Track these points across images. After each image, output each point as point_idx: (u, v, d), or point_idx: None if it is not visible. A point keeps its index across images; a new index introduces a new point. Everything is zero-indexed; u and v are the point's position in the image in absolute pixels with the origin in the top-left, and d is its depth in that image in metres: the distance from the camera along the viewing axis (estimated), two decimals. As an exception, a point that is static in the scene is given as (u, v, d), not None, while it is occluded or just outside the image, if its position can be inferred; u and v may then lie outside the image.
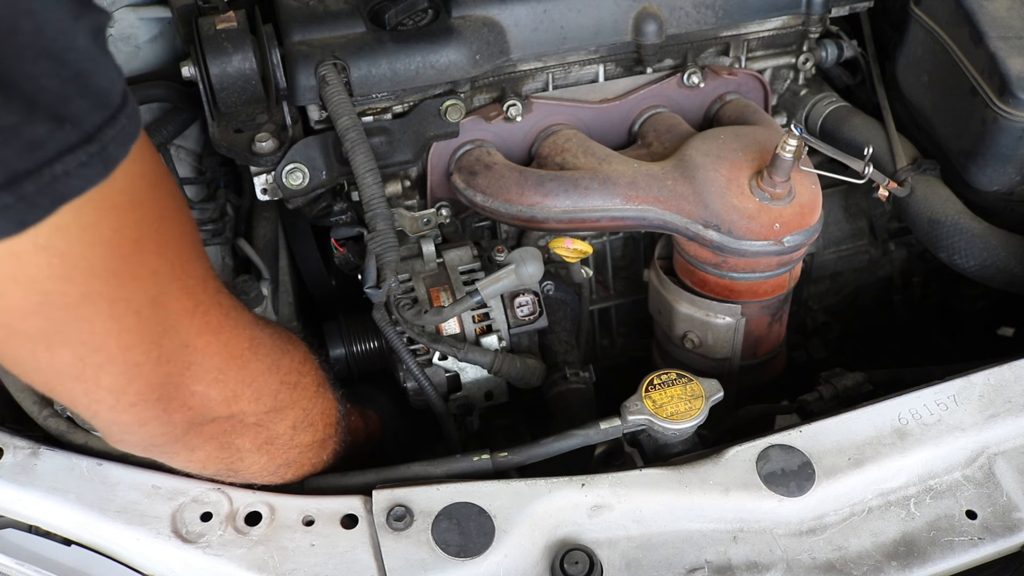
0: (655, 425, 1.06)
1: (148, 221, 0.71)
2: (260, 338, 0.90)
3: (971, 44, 1.33)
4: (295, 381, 0.96)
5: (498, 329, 1.29)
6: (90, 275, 0.68)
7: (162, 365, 0.77)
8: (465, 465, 1.04)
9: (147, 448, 0.87)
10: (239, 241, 1.46)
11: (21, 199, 0.60)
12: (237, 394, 0.87)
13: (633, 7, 1.33)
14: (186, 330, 0.78)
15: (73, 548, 0.97)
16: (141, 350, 0.75)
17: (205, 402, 0.83)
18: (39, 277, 0.65)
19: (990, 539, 0.98)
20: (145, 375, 0.76)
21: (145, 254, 0.72)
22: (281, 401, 0.94)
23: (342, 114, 1.15)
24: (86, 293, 0.68)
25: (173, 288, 0.76)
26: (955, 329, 1.73)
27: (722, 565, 0.96)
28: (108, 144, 0.64)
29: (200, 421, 0.84)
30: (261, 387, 0.90)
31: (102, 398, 0.76)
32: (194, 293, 0.79)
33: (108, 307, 0.70)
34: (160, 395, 0.78)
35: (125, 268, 0.70)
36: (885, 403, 1.06)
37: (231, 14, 1.22)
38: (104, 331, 0.71)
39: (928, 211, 1.38)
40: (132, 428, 0.81)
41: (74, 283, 0.67)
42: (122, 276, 0.70)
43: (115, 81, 0.65)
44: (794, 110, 1.56)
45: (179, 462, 0.92)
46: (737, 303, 1.30)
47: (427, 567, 0.90)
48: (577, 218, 1.27)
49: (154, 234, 0.72)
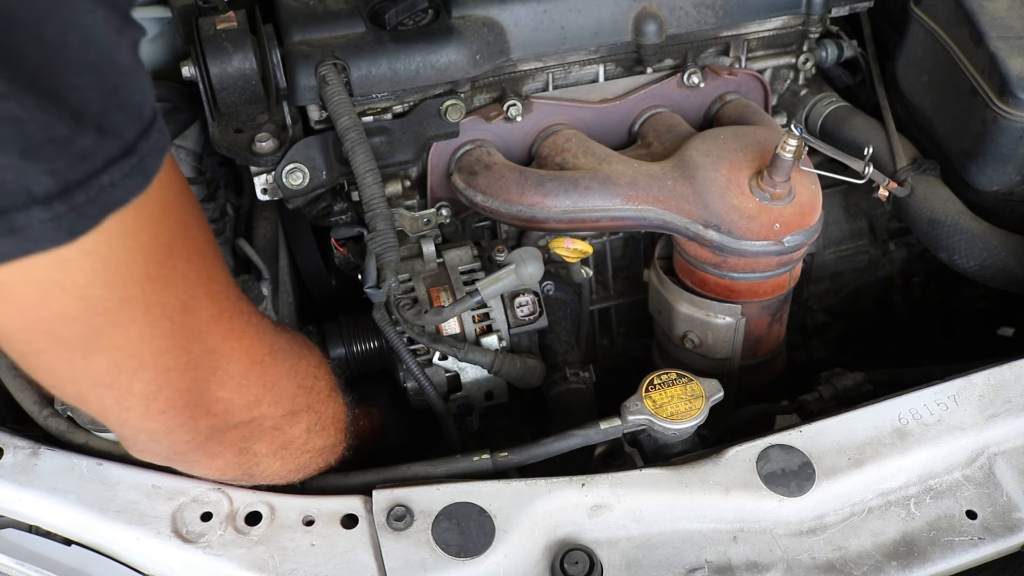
0: (655, 425, 1.06)
1: (178, 228, 0.74)
2: (279, 343, 0.91)
3: (971, 44, 1.33)
4: (311, 385, 0.97)
5: (498, 329, 1.29)
6: (129, 280, 0.70)
7: (190, 371, 0.79)
8: (465, 465, 1.04)
9: (170, 457, 0.88)
10: (239, 241, 1.46)
11: (73, 209, 0.62)
12: (259, 398, 0.88)
13: (633, 7, 1.33)
14: (212, 336, 0.80)
15: (73, 548, 0.97)
16: (172, 355, 0.76)
17: (229, 408, 0.85)
18: (83, 282, 0.67)
19: (990, 539, 0.98)
20: (174, 381, 0.78)
21: (176, 260, 0.74)
22: (298, 404, 0.95)
23: (342, 114, 1.15)
24: (125, 298, 0.70)
25: (201, 293, 0.77)
26: (955, 329, 1.73)
27: (722, 565, 0.96)
28: (145, 156, 0.66)
29: (223, 428, 0.86)
30: (280, 391, 0.91)
31: (133, 405, 0.77)
32: (219, 299, 0.80)
33: (144, 312, 0.72)
34: (187, 401, 0.80)
35: (160, 273, 0.72)
36: (885, 403, 1.06)
37: (231, 14, 1.22)
38: (139, 336, 0.73)
39: (928, 211, 1.38)
40: (159, 435, 0.82)
41: (114, 288, 0.69)
42: (157, 281, 0.72)
43: (148, 95, 0.67)
44: (794, 110, 1.56)
45: (199, 470, 0.94)
46: (737, 303, 1.30)
47: (427, 567, 0.90)
48: (577, 218, 1.27)
49: (183, 240, 0.74)
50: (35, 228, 0.61)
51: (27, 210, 0.60)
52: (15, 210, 0.60)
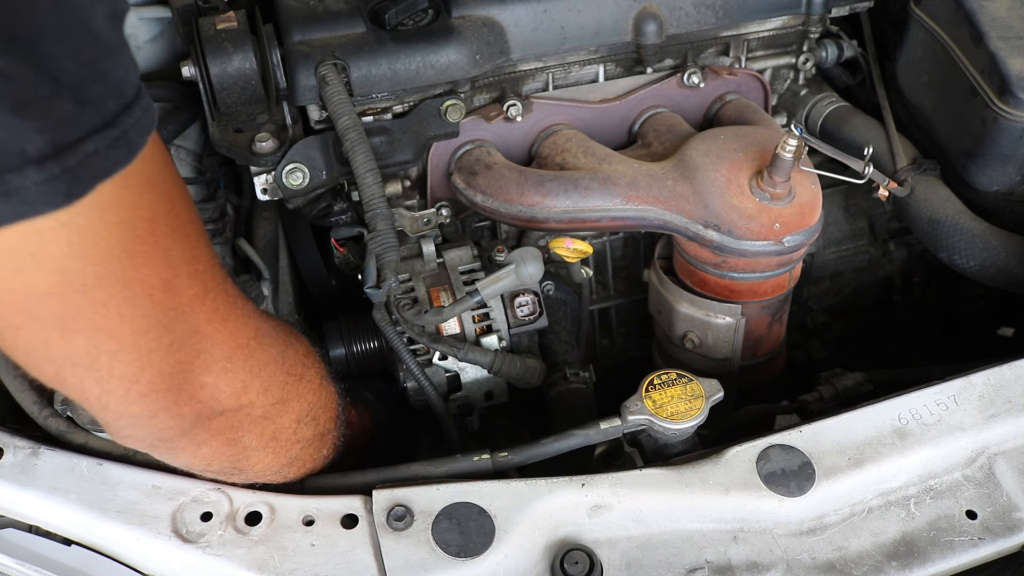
0: (655, 425, 1.06)
1: (161, 204, 0.72)
2: (264, 329, 0.90)
3: (971, 44, 1.33)
4: (300, 373, 0.96)
5: (498, 329, 1.29)
6: (108, 255, 0.68)
7: (173, 353, 0.77)
8: (465, 465, 1.04)
9: (153, 444, 0.86)
10: (239, 241, 1.46)
11: (67, 171, 0.60)
12: (246, 385, 0.86)
13: (633, 7, 1.33)
14: (196, 317, 0.78)
15: (73, 548, 0.97)
16: (154, 336, 0.74)
17: (215, 394, 0.83)
18: (58, 255, 0.65)
19: (990, 539, 0.98)
20: (156, 363, 0.76)
21: (159, 236, 0.72)
22: (288, 393, 0.93)
23: (342, 114, 1.15)
24: (103, 274, 0.68)
25: (184, 272, 0.76)
26: (955, 329, 1.73)
27: (722, 565, 0.96)
28: (129, 130, 0.65)
29: (208, 414, 0.84)
30: (268, 378, 0.90)
31: (113, 388, 0.75)
32: (203, 279, 0.79)
33: (123, 289, 0.70)
34: (170, 385, 0.78)
35: (140, 249, 0.71)
36: (885, 403, 1.06)
37: (231, 14, 1.22)
38: (118, 315, 0.71)
39: (928, 211, 1.38)
40: (141, 421, 0.80)
41: (92, 263, 0.67)
42: (137, 257, 0.71)
43: (130, 72, 0.66)
44: (794, 110, 1.56)
45: (184, 459, 0.92)
46: (737, 303, 1.30)
47: (427, 567, 0.90)
48: (577, 218, 1.27)
49: (166, 216, 0.73)
50: (30, 190, 0.60)
51: (21, 171, 0.59)
52: (9, 171, 0.59)
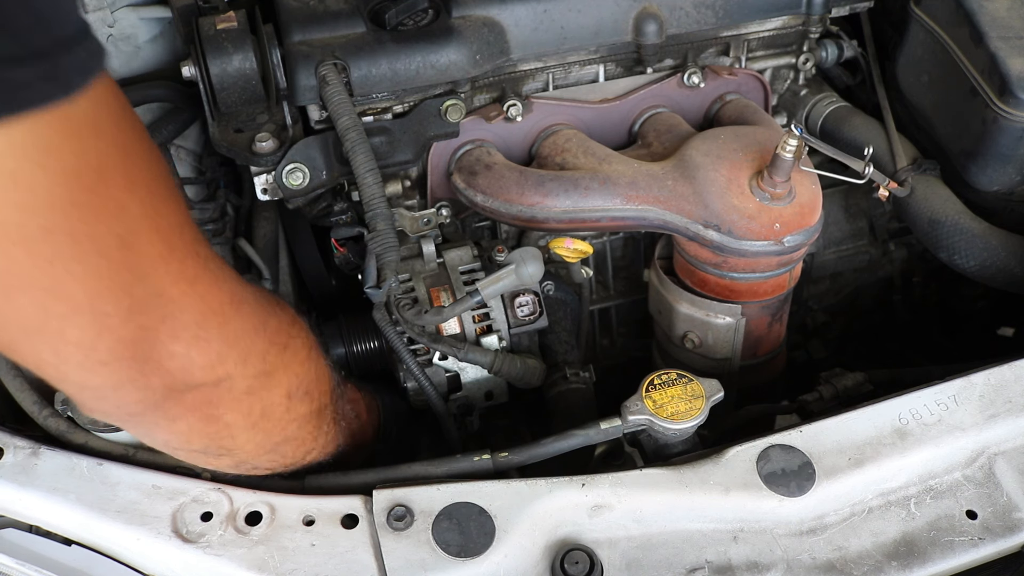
0: (655, 425, 1.06)
1: (113, 153, 0.66)
2: (242, 295, 0.82)
3: (971, 44, 1.33)
4: (284, 343, 0.89)
5: (498, 329, 1.29)
6: (49, 206, 0.62)
7: (134, 317, 0.70)
8: (465, 465, 1.04)
9: (123, 418, 0.81)
10: (239, 241, 1.46)
11: None
12: (222, 355, 0.79)
13: (633, 7, 1.33)
14: (160, 278, 0.72)
15: (73, 548, 0.97)
16: (110, 298, 0.68)
17: (186, 365, 0.76)
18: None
19: (990, 539, 0.98)
20: (115, 328, 0.69)
21: (111, 187, 0.66)
22: (271, 364, 0.87)
23: (342, 114, 1.15)
24: (47, 227, 0.63)
25: (144, 228, 0.69)
26: (955, 329, 1.73)
27: (722, 565, 0.96)
28: (66, 68, 0.60)
29: (180, 387, 0.78)
30: (247, 347, 0.83)
31: (69, 355, 0.69)
32: (168, 238, 0.72)
33: (71, 245, 0.64)
34: (134, 353, 0.72)
35: (88, 200, 0.65)
36: (885, 403, 1.06)
37: (231, 14, 1.22)
38: (67, 274, 0.65)
39: (928, 211, 1.38)
40: (105, 392, 0.74)
41: (32, 213, 0.62)
42: (84, 208, 0.65)
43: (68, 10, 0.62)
44: (794, 110, 1.56)
45: (160, 435, 0.86)
46: (737, 303, 1.30)
47: (427, 567, 0.90)
48: (577, 218, 1.27)
49: (120, 167, 0.67)
50: None
51: None
52: None
